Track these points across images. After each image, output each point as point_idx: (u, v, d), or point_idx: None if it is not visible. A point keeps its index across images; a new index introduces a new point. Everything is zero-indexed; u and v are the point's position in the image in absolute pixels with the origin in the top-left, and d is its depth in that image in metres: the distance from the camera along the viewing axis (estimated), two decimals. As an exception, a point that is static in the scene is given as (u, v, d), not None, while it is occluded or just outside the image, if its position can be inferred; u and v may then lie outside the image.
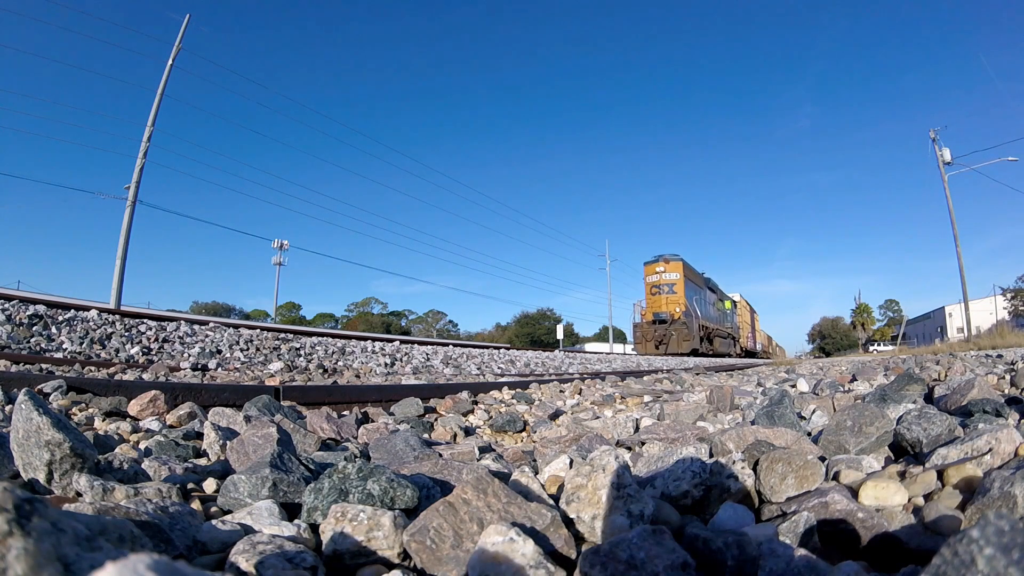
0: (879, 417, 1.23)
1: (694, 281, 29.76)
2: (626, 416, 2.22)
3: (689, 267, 29.37)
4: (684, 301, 27.31)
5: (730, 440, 1.31)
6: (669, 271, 28.30)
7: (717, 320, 32.39)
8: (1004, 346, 14.93)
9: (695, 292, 29.06)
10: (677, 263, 28.61)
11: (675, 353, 26.02)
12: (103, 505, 0.79)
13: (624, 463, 0.82)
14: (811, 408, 1.98)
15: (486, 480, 0.80)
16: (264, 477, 0.95)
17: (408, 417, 2.50)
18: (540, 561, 0.63)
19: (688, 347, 26.56)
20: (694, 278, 29.97)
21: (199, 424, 1.88)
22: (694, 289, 29.38)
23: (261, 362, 4.70)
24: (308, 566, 0.69)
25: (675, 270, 28.47)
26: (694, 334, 26.80)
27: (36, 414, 0.94)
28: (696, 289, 29.76)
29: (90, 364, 3.37)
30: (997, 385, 2.59)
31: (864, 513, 0.79)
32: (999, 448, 0.97)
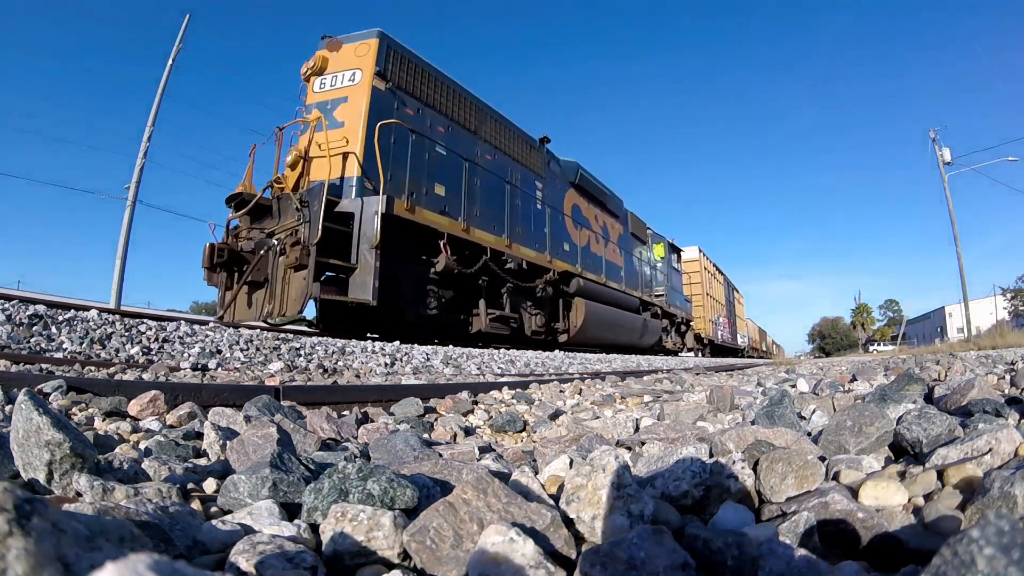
0: (879, 417, 1.23)
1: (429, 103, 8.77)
2: (626, 416, 2.22)
3: (415, 62, 8.66)
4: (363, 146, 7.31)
5: (730, 440, 1.32)
6: (339, 63, 7.89)
7: (591, 264, 13.58)
8: (1004, 346, 14.95)
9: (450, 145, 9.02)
10: (364, 43, 7.90)
11: (287, 324, 7.66)
12: (103, 505, 0.79)
13: (624, 463, 0.82)
14: (811, 408, 1.98)
15: (486, 480, 0.80)
16: (264, 477, 0.95)
17: (408, 417, 2.50)
18: (540, 561, 0.63)
19: (361, 292, 6.88)
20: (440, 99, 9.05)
21: (199, 424, 1.88)
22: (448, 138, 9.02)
23: (261, 362, 4.70)
24: (308, 566, 0.69)
25: (355, 61, 7.81)
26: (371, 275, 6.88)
27: (36, 414, 0.94)
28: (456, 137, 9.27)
29: (90, 364, 3.37)
30: (997, 385, 2.59)
31: (864, 513, 0.79)
32: (999, 448, 0.97)
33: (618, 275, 15.42)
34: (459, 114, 9.53)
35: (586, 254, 13.50)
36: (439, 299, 8.74)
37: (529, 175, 11.45)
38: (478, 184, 9.60)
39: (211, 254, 7.71)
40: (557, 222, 12.30)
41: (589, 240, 13.89)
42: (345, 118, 7.61)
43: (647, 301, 17.41)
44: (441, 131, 8.90)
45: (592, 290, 13.05)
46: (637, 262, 17.48)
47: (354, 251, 7.03)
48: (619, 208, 16.31)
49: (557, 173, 12.80)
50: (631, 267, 16.78)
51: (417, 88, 8.65)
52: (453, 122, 9.23)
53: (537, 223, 11.52)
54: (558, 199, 12.57)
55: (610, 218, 15.60)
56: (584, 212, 13.90)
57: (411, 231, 7.96)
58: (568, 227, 12.86)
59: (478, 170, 9.64)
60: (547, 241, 11.61)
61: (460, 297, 9.33)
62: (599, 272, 14.00)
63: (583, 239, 13.53)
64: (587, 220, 14.02)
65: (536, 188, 11.64)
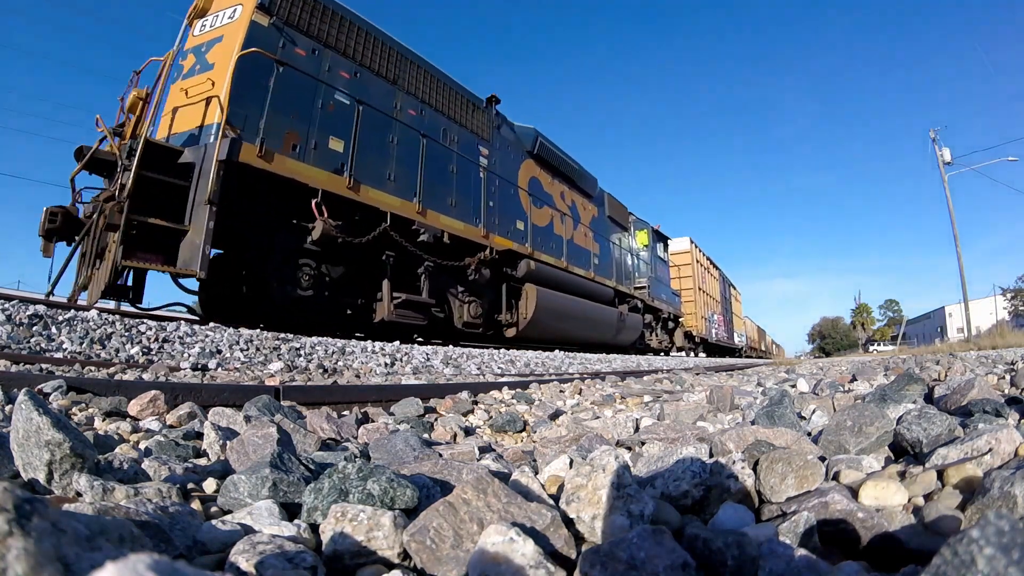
0: (879, 417, 1.23)
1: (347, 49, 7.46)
2: (626, 416, 2.22)
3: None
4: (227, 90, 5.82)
5: (730, 440, 1.32)
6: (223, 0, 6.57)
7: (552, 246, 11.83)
8: (1004, 346, 14.95)
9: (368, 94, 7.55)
10: None
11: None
12: (103, 505, 0.79)
13: (624, 463, 0.82)
14: (811, 408, 1.98)
15: (486, 480, 0.80)
16: (264, 477, 0.95)
17: (408, 417, 2.50)
18: (540, 561, 0.63)
19: (188, 260, 5.46)
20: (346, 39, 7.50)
21: (199, 424, 1.88)
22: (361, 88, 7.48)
23: (261, 362, 4.70)
24: (308, 566, 0.69)
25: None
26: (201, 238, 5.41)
27: (36, 414, 0.94)
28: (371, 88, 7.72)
29: (90, 364, 3.37)
30: (997, 385, 2.59)
31: (864, 513, 0.79)
32: (999, 448, 0.97)
33: (589, 261, 13.35)
34: (373, 61, 7.96)
35: (546, 235, 11.61)
36: (319, 277, 6.95)
37: (470, 138, 9.51)
38: (393, 141, 7.82)
39: (45, 219, 6.00)
40: (507, 195, 10.38)
41: (552, 220, 11.94)
42: (216, 59, 6.26)
43: (625, 292, 15.25)
44: (345, 77, 7.30)
45: (549, 275, 11.12)
46: (615, 249, 15.27)
47: (189, 210, 5.60)
48: (593, 188, 14.26)
49: (510, 140, 10.85)
50: (606, 254, 14.57)
51: (313, 26, 7.13)
52: (364, 68, 7.62)
53: (478, 193, 9.49)
54: (510, 169, 10.66)
55: (581, 197, 13.58)
56: (546, 187, 12.00)
57: (277, 188, 6.34)
58: (523, 202, 10.94)
59: (395, 125, 7.87)
60: (487, 214, 9.57)
61: (357, 276, 7.53)
62: (561, 256, 12.05)
63: (543, 218, 11.61)
64: (550, 197, 12.06)
65: (479, 154, 9.69)
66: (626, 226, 16.68)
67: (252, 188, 6.15)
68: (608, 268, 14.58)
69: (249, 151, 5.91)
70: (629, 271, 16.31)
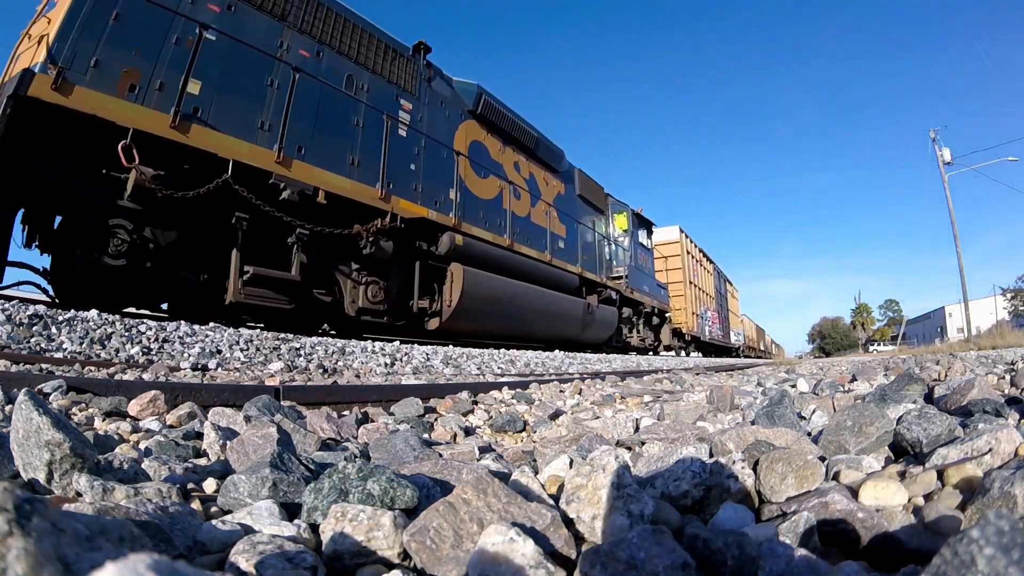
0: (879, 417, 1.23)
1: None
2: (626, 416, 2.22)
3: None
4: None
5: (730, 440, 1.31)
6: None
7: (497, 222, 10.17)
8: (1004, 346, 14.96)
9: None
10: None
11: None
12: (103, 505, 0.79)
13: (624, 463, 0.82)
14: (811, 408, 1.98)
15: (486, 480, 0.80)
16: (264, 477, 0.95)
17: (408, 417, 2.50)
18: (540, 561, 0.63)
19: None
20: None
21: (199, 424, 1.88)
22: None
23: (261, 362, 4.70)
24: (308, 566, 0.69)
25: None
26: None
27: (36, 414, 0.94)
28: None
29: (90, 364, 3.37)
30: (997, 385, 2.59)
31: (864, 513, 0.79)
32: (999, 448, 0.97)
33: (549, 243, 11.59)
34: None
35: (491, 208, 9.87)
36: (140, 242, 5.63)
37: (387, 89, 8.12)
38: (272, 84, 6.60)
39: None
40: (438, 159, 8.81)
41: (501, 192, 10.22)
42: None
43: (595, 281, 13.37)
44: (214, 10, 6.27)
45: (485, 255, 9.34)
46: (587, 233, 13.51)
47: None
48: (559, 161, 12.53)
49: (445, 96, 9.31)
50: (574, 236, 12.78)
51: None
52: (242, 1, 6.65)
53: (399, 153, 8.06)
54: (444, 129, 9.12)
55: (543, 171, 11.91)
56: (495, 155, 10.33)
57: (82, 129, 5.19)
58: (460, 168, 9.25)
59: (277, 67, 6.72)
60: (400, 176, 7.95)
61: (199, 244, 6.16)
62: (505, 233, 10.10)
63: (487, 189, 9.90)
64: (498, 166, 10.34)
65: (400, 107, 8.26)
66: (602, 208, 14.90)
67: (51, 130, 5.13)
68: (574, 253, 12.76)
69: (42, 83, 4.80)
70: (605, 259, 14.48)
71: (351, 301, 7.60)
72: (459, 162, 9.37)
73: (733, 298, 34.21)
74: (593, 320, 12.98)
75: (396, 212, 7.79)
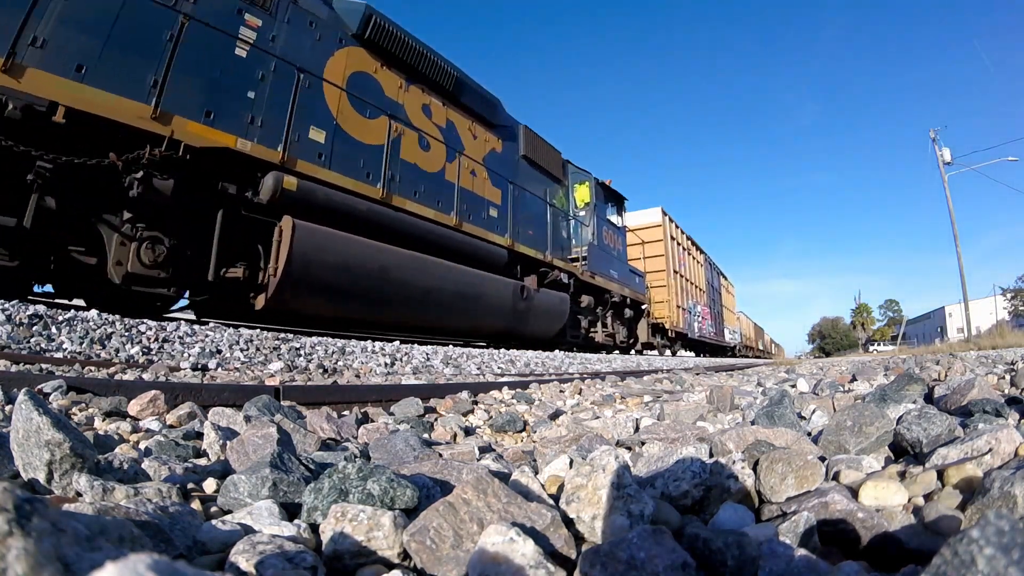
0: (879, 417, 1.23)
1: None
2: (626, 416, 2.22)
3: None
4: None
5: (730, 440, 1.31)
6: None
7: (375, 170, 7.62)
8: (1004, 346, 14.96)
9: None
10: None
11: None
12: (103, 505, 0.79)
13: (624, 463, 0.82)
14: (811, 408, 1.98)
15: (486, 480, 0.80)
16: (264, 477, 0.95)
17: (408, 417, 2.50)
18: (540, 561, 0.63)
19: None
20: None
21: (199, 424, 1.88)
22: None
23: (261, 362, 4.70)
24: (308, 566, 0.69)
25: None
26: None
27: (36, 414, 0.94)
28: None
29: (90, 364, 3.37)
30: (997, 385, 2.59)
31: (864, 513, 0.79)
32: (999, 448, 0.97)
33: (471, 207, 9.26)
34: None
35: (377, 156, 7.66)
36: None
37: (228, 1, 6.52)
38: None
39: None
40: (296, 89, 6.87)
41: (398, 137, 8.01)
42: None
43: (535, 259, 10.69)
44: None
45: (336, 206, 7.01)
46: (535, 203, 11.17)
47: None
48: (491, 111, 10.10)
49: (317, 15, 7.46)
50: (512, 204, 10.29)
51: None
52: None
53: (228, 78, 6.16)
54: (311, 55, 7.22)
55: (468, 120, 9.52)
56: (391, 92, 8.20)
57: None
58: (333, 103, 7.30)
59: None
60: (208, 101, 5.91)
61: None
62: (379, 182, 7.64)
63: (377, 133, 7.70)
64: (396, 105, 8.30)
65: (244, 23, 6.54)
66: (558, 177, 12.48)
67: None
68: (513, 224, 10.24)
69: None
70: (561, 236, 12.05)
71: (116, 263, 5.37)
72: (330, 95, 7.32)
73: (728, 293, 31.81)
74: (531, 308, 10.14)
75: (181, 138, 5.52)
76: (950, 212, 26.04)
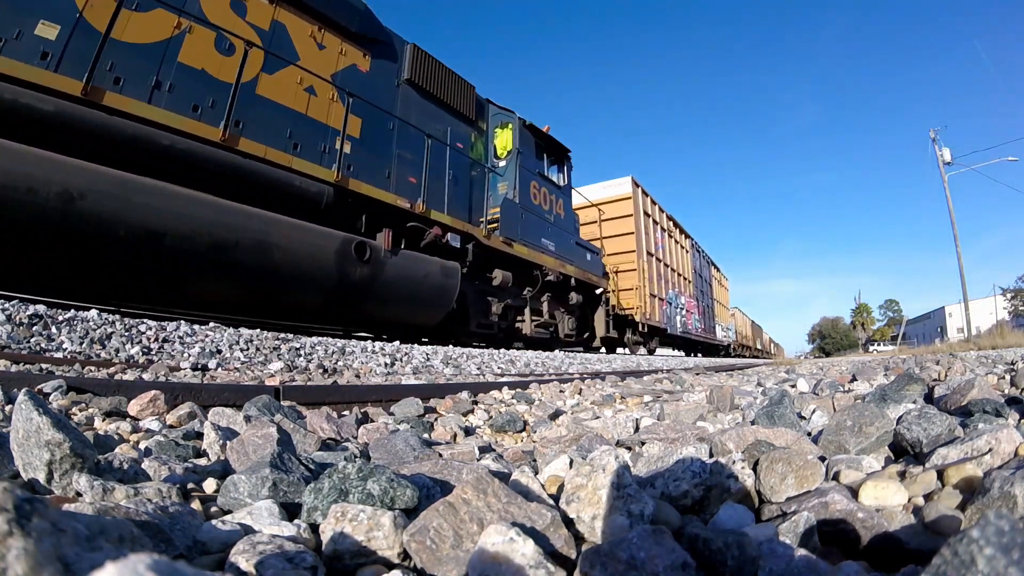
0: (879, 417, 1.23)
1: None
2: (626, 416, 2.22)
3: None
4: None
5: (730, 440, 1.31)
6: None
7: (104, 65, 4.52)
8: (1004, 346, 14.95)
9: None
10: None
11: None
12: (103, 505, 0.79)
13: (624, 463, 0.82)
14: (811, 408, 1.98)
15: (486, 480, 0.80)
16: (264, 477, 0.95)
17: (408, 417, 2.50)
18: (540, 561, 0.63)
19: None
20: None
21: (199, 424, 1.88)
22: None
23: (261, 362, 4.70)
24: (308, 566, 0.69)
25: None
26: None
27: (36, 414, 0.94)
28: None
29: (90, 364, 3.37)
30: (997, 385, 2.59)
31: (864, 513, 0.79)
32: (999, 448, 0.97)
33: (305, 139, 6.74)
34: None
35: (149, 56, 5.53)
36: None
37: None
38: None
39: None
40: None
41: (185, 32, 5.83)
42: None
43: (391, 206, 7.46)
44: None
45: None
46: (428, 145, 8.04)
47: None
48: (350, 18, 7.62)
49: None
50: (381, 139, 7.70)
51: None
52: None
53: None
54: None
55: (312, 24, 7.14)
56: None
57: None
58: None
59: None
60: None
61: None
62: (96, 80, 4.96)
63: (148, 28, 5.59)
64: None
65: None
66: (469, 117, 9.48)
67: None
68: (383, 166, 7.65)
69: None
70: (469, 193, 9.20)
71: None
72: None
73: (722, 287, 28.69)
74: (380, 277, 7.05)
75: None
76: (950, 212, 26.04)
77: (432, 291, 7.98)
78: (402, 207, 7.61)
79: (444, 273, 8.12)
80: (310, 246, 6.37)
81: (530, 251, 10.12)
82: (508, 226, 9.59)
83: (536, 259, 10.29)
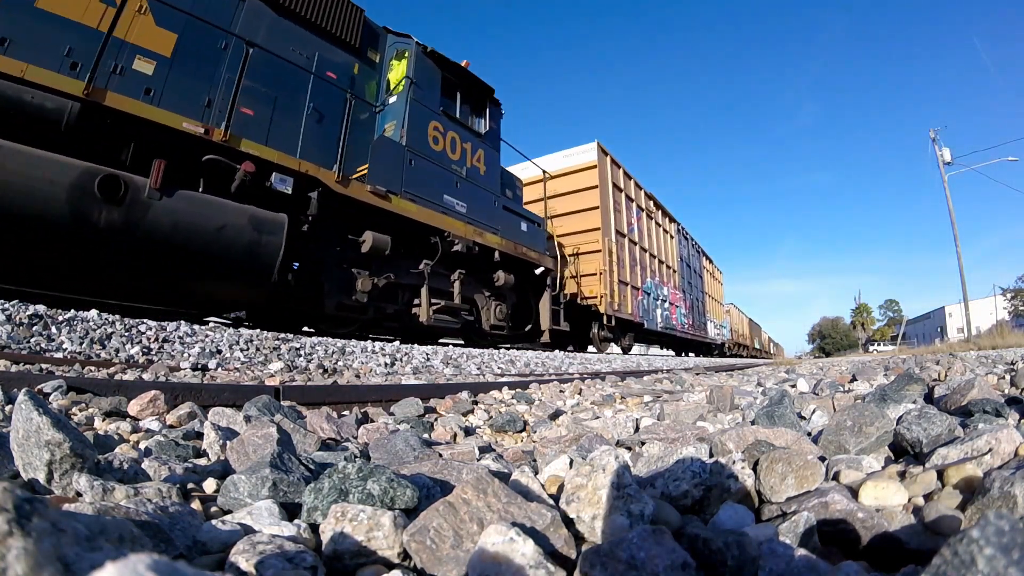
0: (879, 417, 1.23)
1: None
2: (626, 416, 2.22)
3: None
4: None
5: (730, 440, 1.31)
6: None
7: None
8: (1004, 346, 14.95)
9: None
10: None
11: None
12: (103, 505, 0.79)
13: (624, 463, 0.82)
14: (811, 408, 1.98)
15: (486, 480, 0.80)
16: (264, 477, 0.95)
17: (408, 417, 2.50)
18: (540, 561, 0.63)
19: None
20: None
21: (199, 424, 1.88)
22: None
23: (261, 362, 4.70)
24: (308, 566, 0.69)
25: None
26: None
27: (36, 414, 0.94)
28: None
29: (90, 364, 3.37)
30: (997, 385, 2.59)
31: (864, 513, 0.79)
32: (999, 448, 0.97)
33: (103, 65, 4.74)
34: None
35: None
36: None
37: None
38: None
39: None
40: None
41: None
42: None
43: (184, 133, 5.19)
44: None
45: None
46: (284, 71, 6.24)
47: None
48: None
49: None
50: (199, 57, 5.58)
51: None
52: None
53: None
54: None
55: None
56: None
57: None
58: None
59: None
60: None
61: None
62: None
63: None
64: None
65: None
66: (350, 43, 7.21)
67: None
68: (197, 95, 5.55)
69: None
70: (356, 139, 6.89)
71: None
72: None
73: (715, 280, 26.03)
74: (141, 229, 4.98)
75: None
76: (950, 212, 26.04)
77: (234, 251, 5.53)
78: (190, 131, 5.31)
79: (255, 227, 5.63)
80: (31, 179, 4.43)
81: (421, 209, 7.54)
82: (383, 172, 6.97)
83: (433, 221, 7.71)
